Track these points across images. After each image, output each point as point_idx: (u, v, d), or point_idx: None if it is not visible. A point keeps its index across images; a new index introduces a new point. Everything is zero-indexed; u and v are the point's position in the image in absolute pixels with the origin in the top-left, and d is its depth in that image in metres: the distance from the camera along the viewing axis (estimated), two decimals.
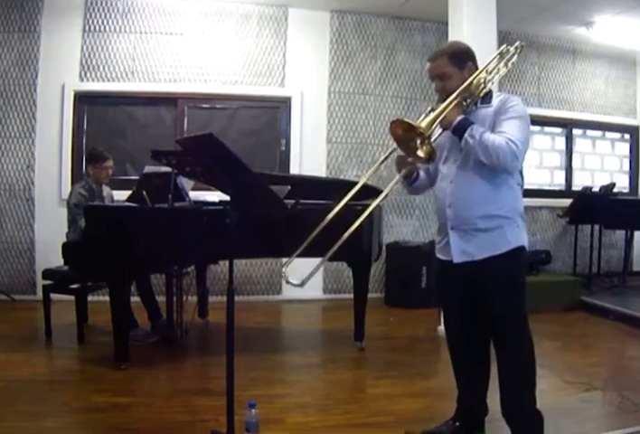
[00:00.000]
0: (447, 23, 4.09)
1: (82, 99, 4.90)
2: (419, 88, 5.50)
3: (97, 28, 4.88)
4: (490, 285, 2.10)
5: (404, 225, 5.49)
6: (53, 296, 3.67)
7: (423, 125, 1.93)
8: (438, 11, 4.44)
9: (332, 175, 5.24)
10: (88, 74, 4.88)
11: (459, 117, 2.00)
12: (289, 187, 2.62)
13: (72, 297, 3.60)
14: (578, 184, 6.18)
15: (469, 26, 3.83)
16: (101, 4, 4.88)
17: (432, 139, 1.99)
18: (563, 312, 4.57)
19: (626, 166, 6.56)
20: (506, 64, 2.17)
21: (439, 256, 2.26)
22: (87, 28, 4.86)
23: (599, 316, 4.57)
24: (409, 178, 2.26)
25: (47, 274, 3.72)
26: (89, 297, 3.85)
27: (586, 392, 2.85)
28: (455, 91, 2.01)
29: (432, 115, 1.97)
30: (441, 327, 4.01)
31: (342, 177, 5.20)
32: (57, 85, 4.81)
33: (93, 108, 4.97)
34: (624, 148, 6.54)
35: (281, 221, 3.18)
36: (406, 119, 1.93)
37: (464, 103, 2.06)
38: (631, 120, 6.39)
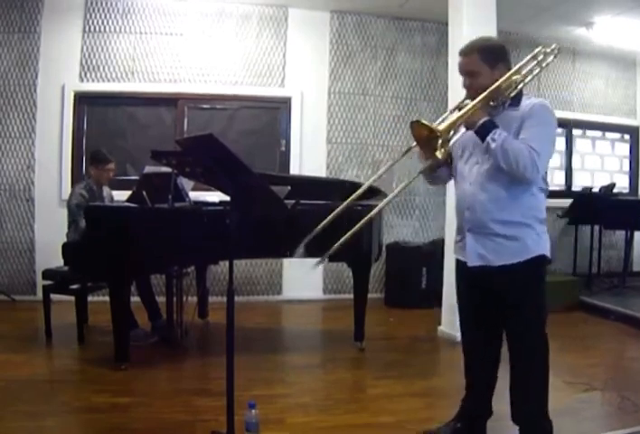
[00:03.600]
0: (447, 24, 4.09)
1: (82, 100, 4.90)
2: (419, 88, 5.50)
3: (97, 28, 4.88)
4: (506, 293, 2.07)
5: (404, 226, 5.49)
6: (53, 296, 3.67)
7: (441, 128, 1.89)
8: (438, 11, 4.43)
9: (332, 176, 5.24)
10: (88, 75, 4.88)
11: (484, 119, 1.95)
12: (289, 188, 2.62)
13: (72, 298, 3.60)
14: (578, 185, 6.18)
15: (469, 26, 3.83)
16: (101, 4, 4.88)
17: (455, 138, 1.97)
18: (563, 312, 4.55)
19: (626, 167, 6.56)
20: (540, 65, 2.08)
21: (456, 255, 2.24)
22: (87, 28, 4.86)
23: (599, 316, 4.56)
24: (433, 171, 2.19)
25: (47, 274, 3.72)
26: (89, 298, 3.85)
27: (585, 393, 2.86)
28: (483, 90, 1.96)
29: (454, 117, 1.94)
30: (441, 327, 4.02)
31: (342, 178, 5.20)
32: (57, 85, 4.81)
33: (93, 109, 4.97)
34: (624, 149, 6.54)
35: (281, 221, 3.18)
36: (425, 122, 1.89)
37: (491, 103, 2.00)
38: (631, 121, 6.39)
